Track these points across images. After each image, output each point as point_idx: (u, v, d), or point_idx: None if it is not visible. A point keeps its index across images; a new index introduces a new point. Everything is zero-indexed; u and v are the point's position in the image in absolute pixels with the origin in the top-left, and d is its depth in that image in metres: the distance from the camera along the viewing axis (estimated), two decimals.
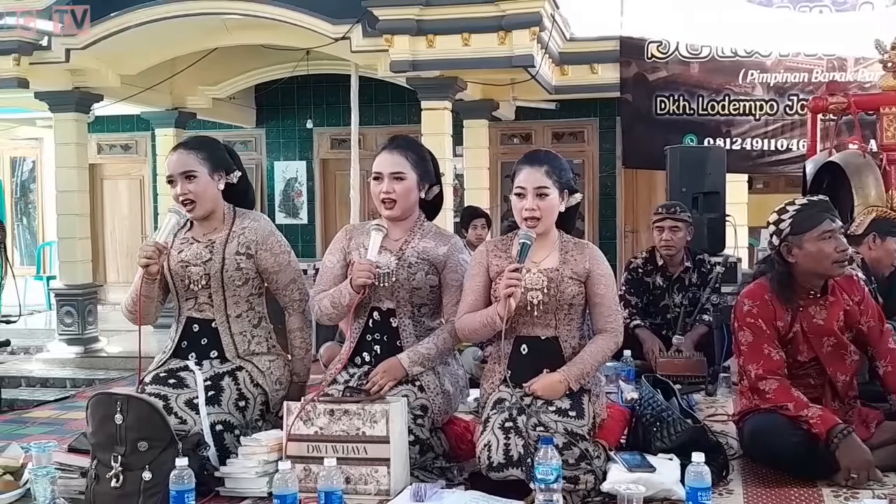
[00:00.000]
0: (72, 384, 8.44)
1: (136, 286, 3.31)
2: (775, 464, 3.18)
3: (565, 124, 11.56)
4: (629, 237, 11.52)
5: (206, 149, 3.42)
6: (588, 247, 3.29)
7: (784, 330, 3.27)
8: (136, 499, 2.79)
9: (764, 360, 3.24)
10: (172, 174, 3.36)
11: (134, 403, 2.87)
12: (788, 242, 3.24)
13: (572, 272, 3.19)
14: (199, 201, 3.36)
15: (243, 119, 12.34)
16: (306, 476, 2.94)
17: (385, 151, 3.36)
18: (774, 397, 3.19)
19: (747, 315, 3.29)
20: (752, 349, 3.27)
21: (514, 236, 3.25)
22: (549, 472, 2.56)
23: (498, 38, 7.71)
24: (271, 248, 3.42)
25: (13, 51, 8.37)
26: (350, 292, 3.22)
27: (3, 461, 3.21)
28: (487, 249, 3.31)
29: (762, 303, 3.29)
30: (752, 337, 3.28)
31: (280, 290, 3.48)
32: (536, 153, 3.29)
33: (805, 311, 3.29)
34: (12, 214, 13.12)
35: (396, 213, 3.33)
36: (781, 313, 3.27)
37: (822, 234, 3.19)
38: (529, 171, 3.17)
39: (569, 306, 3.18)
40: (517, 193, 3.18)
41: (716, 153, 6.91)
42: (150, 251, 3.22)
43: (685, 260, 5.15)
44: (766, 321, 3.26)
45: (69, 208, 9.26)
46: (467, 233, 7.13)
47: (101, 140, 12.73)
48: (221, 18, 8.41)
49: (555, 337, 3.20)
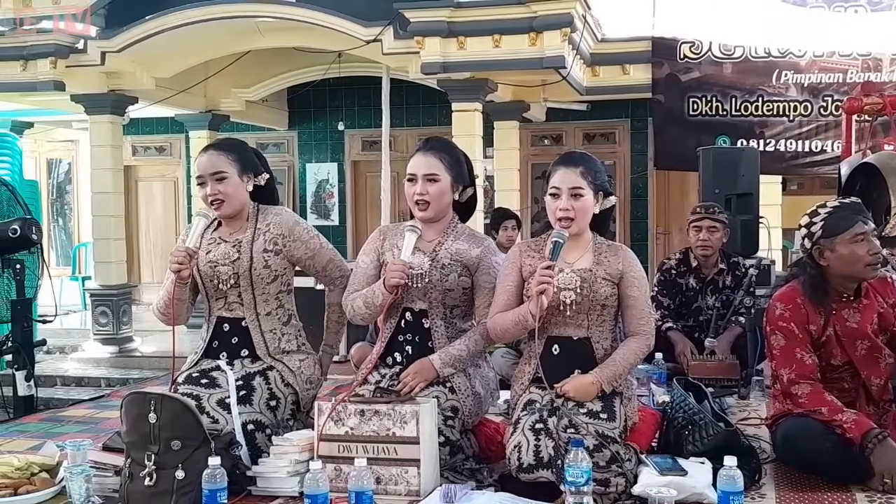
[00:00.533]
0: (106, 383, 8.53)
1: (168, 290, 3.36)
2: (809, 468, 3.15)
3: (596, 125, 11.51)
4: (661, 239, 11.44)
5: (235, 151, 3.46)
6: (622, 249, 3.28)
7: (817, 333, 3.23)
8: (169, 497, 2.82)
9: (797, 365, 3.20)
10: (203, 175, 3.39)
11: (167, 403, 2.90)
12: (820, 245, 3.20)
13: (606, 273, 3.18)
14: (228, 201, 3.39)
15: (276, 121, 12.41)
16: (337, 476, 2.95)
17: (419, 153, 3.36)
18: (807, 402, 3.15)
19: (779, 319, 3.25)
20: (785, 353, 3.24)
21: (547, 237, 3.24)
22: (580, 475, 2.55)
23: (529, 40, 7.69)
24: (299, 237, 3.45)
25: (50, 54, 8.49)
26: (383, 292, 3.23)
27: (39, 459, 3.26)
28: (521, 250, 3.30)
29: (794, 307, 3.25)
30: (785, 341, 3.24)
31: (320, 273, 3.54)
32: (572, 154, 3.29)
33: (838, 314, 3.24)
34: (48, 216, 13.28)
35: (430, 215, 3.34)
36: (814, 317, 3.23)
37: (855, 236, 3.15)
38: (564, 172, 3.16)
39: (601, 307, 3.17)
40: (552, 194, 3.17)
41: (749, 154, 6.85)
42: (181, 256, 3.26)
43: (719, 262, 5.11)
44: (798, 325, 3.23)
45: (104, 209, 9.37)
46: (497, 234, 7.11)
47: (135, 142, 12.87)
48: (255, 21, 8.47)
49: (587, 338, 3.18)
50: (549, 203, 3.20)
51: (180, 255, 3.26)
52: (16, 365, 5.23)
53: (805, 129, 8.67)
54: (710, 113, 8.86)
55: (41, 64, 8.57)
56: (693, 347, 4.87)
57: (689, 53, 8.88)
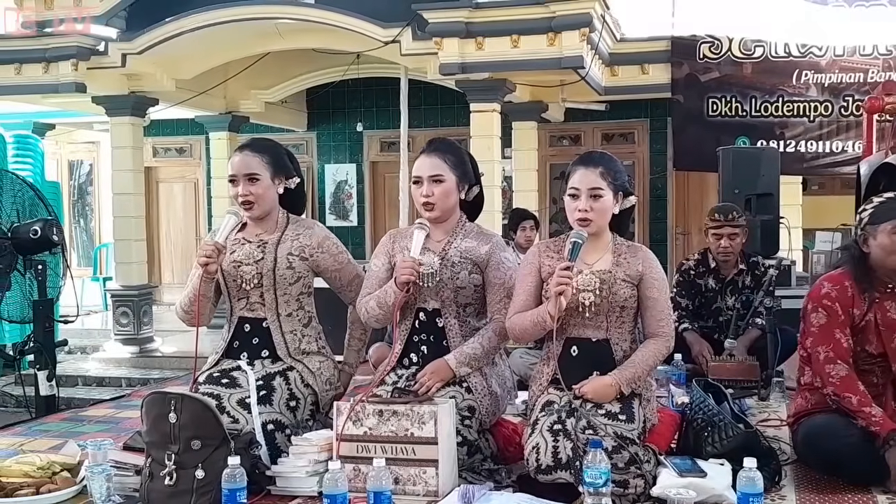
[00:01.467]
0: (127, 383, 8.60)
1: (194, 285, 3.37)
2: (829, 466, 3.13)
3: (615, 125, 11.48)
4: (680, 239, 11.40)
5: (270, 153, 3.48)
6: (641, 250, 3.26)
7: (858, 318, 3.23)
8: (188, 497, 2.83)
9: (835, 344, 3.20)
10: (236, 174, 3.41)
11: (188, 402, 2.91)
12: (866, 232, 3.23)
13: (625, 274, 3.16)
14: (258, 203, 3.41)
15: (295, 122, 12.46)
16: (356, 476, 2.96)
17: (423, 155, 3.38)
18: (840, 384, 3.14)
19: (825, 297, 3.25)
20: (824, 331, 3.23)
21: (566, 237, 3.24)
22: (598, 476, 2.55)
23: (547, 40, 7.69)
24: (329, 250, 3.47)
25: (71, 56, 8.57)
26: (395, 290, 3.24)
27: (61, 458, 3.28)
28: (539, 250, 3.30)
29: (842, 288, 3.25)
30: (826, 319, 3.23)
31: (344, 288, 3.55)
32: (591, 154, 3.28)
33: (881, 303, 3.24)
34: (70, 217, 13.39)
35: (437, 215, 3.35)
36: (858, 301, 3.23)
37: (894, 227, 3.16)
38: (584, 172, 3.15)
39: (620, 309, 3.16)
40: (571, 194, 3.17)
41: (769, 154, 6.81)
42: (209, 250, 3.27)
43: (739, 262, 5.08)
44: (842, 306, 3.22)
45: (125, 210, 9.44)
46: (516, 235, 7.11)
47: (156, 143, 12.95)
48: (274, 23, 8.51)
49: (606, 339, 3.17)
50: (568, 203, 3.19)
51: (209, 249, 3.28)
52: (38, 365, 5.28)
53: (826, 129, 8.62)
54: (729, 113, 8.83)
55: (63, 66, 8.64)
56: (709, 348, 4.84)
57: (708, 53, 8.85)
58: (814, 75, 8.57)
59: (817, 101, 8.61)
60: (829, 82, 8.57)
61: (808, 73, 8.58)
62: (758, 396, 4.52)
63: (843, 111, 8.55)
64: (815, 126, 8.64)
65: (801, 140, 8.68)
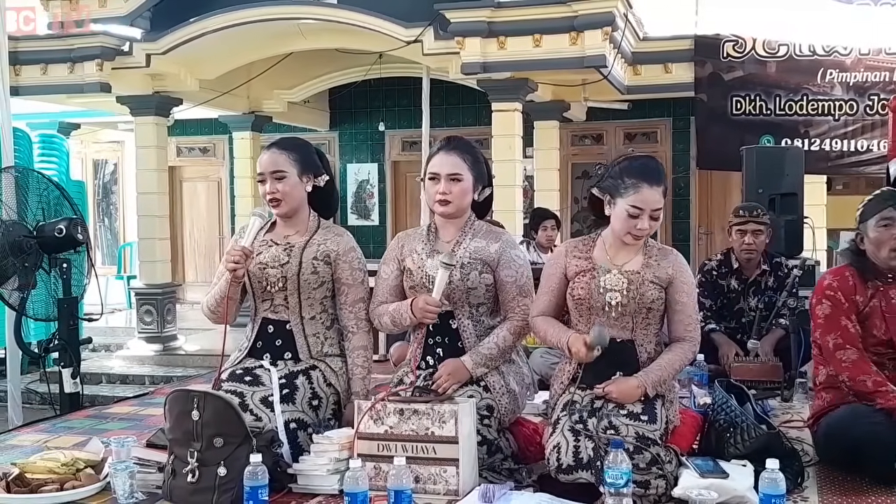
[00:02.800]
0: (150, 381, 8.65)
1: (222, 288, 3.39)
2: (852, 457, 3.10)
3: (638, 124, 11.43)
4: (703, 239, 11.34)
5: (297, 150, 3.48)
6: (672, 253, 3.24)
7: (862, 304, 3.32)
8: (211, 494, 2.85)
9: (842, 331, 3.29)
10: (263, 172, 3.42)
11: (210, 400, 2.92)
12: (860, 230, 3.38)
13: (654, 276, 3.14)
14: (286, 200, 3.41)
15: (317, 122, 12.50)
16: (376, 474, 2.97)
17: (442, 152, 3.37)
18: (852, 367, 3.22)
19: (827, 288, 3.37)
20: (830, 321, 3.32)
21: (596, 237, 3.25)
22: (619, 476, 2.54)
23: (569, 39, 7.67)
24: (350, 262, 3.45)
25: (96, 56, 8.64)
26: (411, 317, 3.25)
27: (85, 455, 3.31)
28: (567, 250, 3.28)
29: (842, 278, 3.37)
30: (831, 309, 3.33)
31: (348, 306, 3.47)
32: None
33: (885, 291, 3.34)
34: (94, 216, 13.50)
35: (451, 212, 3.35)
36: (861, 288, 3.34)
37: (880, 220, 3.31)
38: (649, 190, 3.08)
39: (647, 311, 3.14)
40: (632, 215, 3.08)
41: (794, 154, 6.76)
42: (237, 256, 3.27)
43: (762, 263, 5.05)
44: (845, 294, 3.33)
45: (149, 210, 9.50)
46: (537, 234, 7.11)
47: (180, 143, 13.03)
48: (296, 23, 8.55)
49: (631, 340, 3.16)
50: (626, 221, 3.10)
51: (237, 255, 3.27)
52: (62, 362, 5.32)
53: (850, 128, 8.54)
54: (753, 112, 8.77)
55: (88, 66, 8.71)
56: (738, 350, 4.81)
57: (732, 52, 8.79)
58: (839, 74, 8.50)
59: (842, 99, 8.53)
60: (854, 81, 8.50)
61: (832, 71, 8.51)
62: (781, 397, 4.49)
63: (868, 110, 8.47)
64: (839, 125, 8.57)
65: (826, 139, 8.60)
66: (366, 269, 3.52)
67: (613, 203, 3.14)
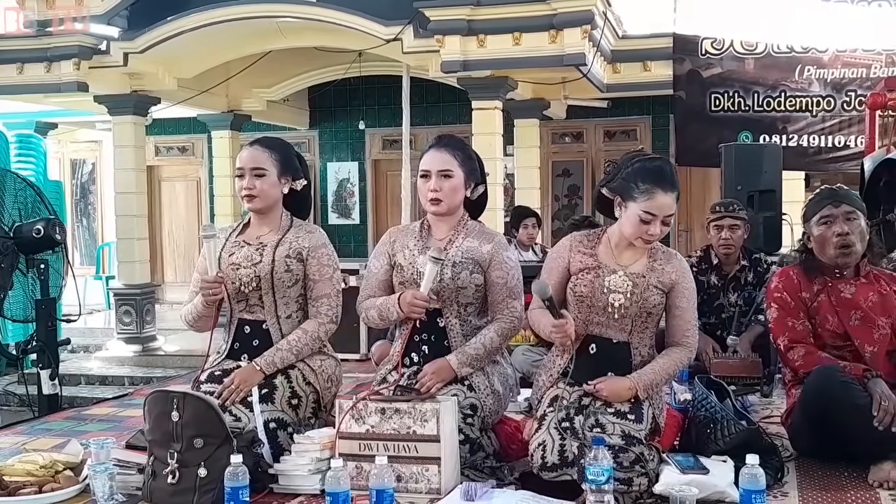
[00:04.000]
0: (130, 382, 8.60)
1: (199, 309, 3.41)
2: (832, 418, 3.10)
3: (617, 122, 11.48)
4: (683, 236, 11.39)
5: (279, 151, 3.48)
6: (676, 257, 3.22)
7: (809, 300, 3.41)
8: (191, 495, 2.84)
9: (788, 332, 3.41)
10: (243, 167, 3.42)
11: (190, 401, 2.91)
12: (805, 230, 3.46)
13: (658, 281, 3.13)
14: (261, 197, 3.41)
15: (297, 121, 12.47)
16: (358, 474, 2.96)
17: (433, 150, 3.37)
18: (804, 363, 3.33)
19: (774, 290, 3.48)
20: (778, 322, 3.45)
21: (601, 233, 3.26)
22: (601, 473, 2.55)
23: (549, 37, 7.68)
24: (319, 258, 3.44)
25: (73, 55, 8.59)
26: (398, 312, 3.25)
27: (64, 457, 3.28)
28: (572, 244, 3.25)
29: (787, 278, 3.48)
30: (777, 312, 3.45)
31: (312, 300, 3.45)
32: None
33: (833, 286, 3.42)
34: (72, 216, 13.40)
35: (443, 210, 3.34)
36: (807, 285, 3.43)
37: (821, 218, 3.38)
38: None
39: (647, 314, 3.13)
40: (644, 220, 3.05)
41: (772, 150, 6.80)
42: (214, 288, 3.31)
43: (741, 259, 5.07)
44: (790, 293, 3.43)
45: (128, 209, 9.45)
46: (518, 232, 7.11)
47: (158, 142, 12.96)
48: (275, 22, 8.52)
49: (626, 342, 3.15)
50: (638, 225, 3.06)
51: (213, 287, 3.30)
52: (40, 364, 5.28)
53: (828, 124, 8.60)
54: (732, 109, 8.81)
55: (65, 65, 8.66)
56: (715, 345, 4.84)
57: (710, 49, 8.83)
58: (816, 70, 8.55)
59: (820, 96, 8.59)
60: (832, 77, 8.55)
61: (810, 68, 8.56)
62: (760, 393, 4.51)
63: (845, 106, 8.53)
64: (817, 121, 8.62)
65: (804, 135, 8.66)
66: (336, 266, 3.49)
67: (625, 206, 3.10)
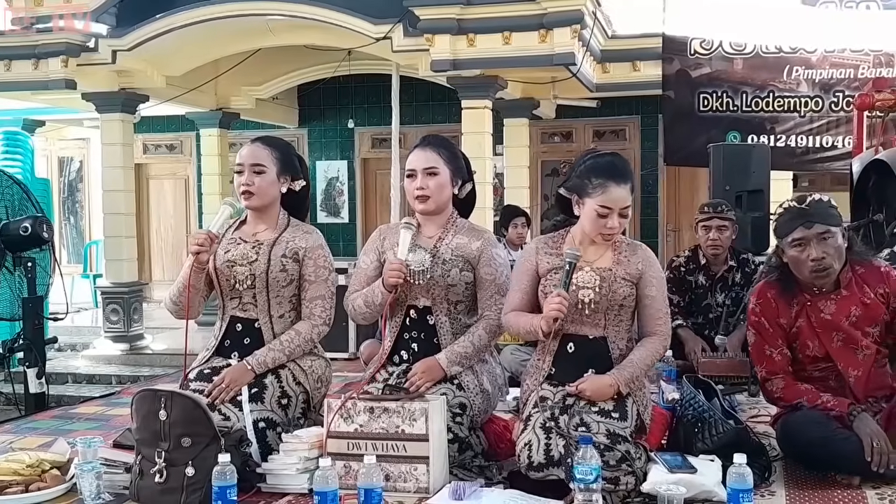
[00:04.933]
0: (117, 381, 8.57)
1: (185, 275, 3.35)
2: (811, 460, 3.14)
3: (607, 122, 11.50)
4: (671, 236, 11.42)
5: (280, 150, 3.49)
6: (641, 248, 3.25)
7: (788, 325, 3.25)
8: (179, 494, 2.83)
9: (767, 362, 3.29)
10: (243, 164, 3.41)
11: (178, 400, 2.91)
12: (779, 245, 3.28)
13: (625, 273, 3.15)
14: (258, 195, 3.41)
15: (286, 119, 12.44)
16: (346, 473, 2.96)
17: (418, 149, 3.39)
18: (784, 395, 3.24)
19: (752, 314, 3.33)
20: (757, 350, 3.33)
21: (565, 234, 3.26)
22: (589, 472, 2.55)
23: (539, 37, 7.69)
24: (316, 260, 3.44)
25: (61, 53, 8.54)
26: (382, 291, 3.25)
27: (50, 456, 3.27)
28: (537, 247, 3.29)
29: (765, 301, 3.30)
30: (756, 338, 3.32)
31: (306, 301, 3.45)
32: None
33: (813, 305, 3.24)
34: (60, 214, 13.35)
35: (431, 208, 3.35)
36: (784, 309, 3.26)
37: (793, 241, 3.18)
38: (617, 189, 3.07)
39: (619, 307, 3.15)
40: (601, 215, 3.09)
41: (760, 151, 6.82)
42: (201, 239, 3.27)
43: (729, 259, 5.09)
44: (769, 320, 3.27)
45: (115, 207, 9.41)
46: (507, 232, 7.12)
47: (146, 140, 12.92)
48: (265, 20, 8.49)
49: (603, 337, 3.17)
50: (596, 221, 3.10)
51: (201, 238, 3.27)
52: (27, 362, 5.25)
53: (816, 124, 8.62)
54: (720, 109, 8.81)
55: (52, 63, 8.61)
56: (704, 345, 4.85)
57: (699, 49, 8.83)
58: (804, 71, 8.57)
59: (808, 96, 8.60)
60: (820, 78, 8.57)
61: (798, 68, 8.57)
62: (748, 393, 4.53)
63: (833, 107, 8.55)
64: (805, 121, 8.64)
65: (792, 135, 8.67)
66: (332, 268, 3.49)
67: (582, 203, 3.14)
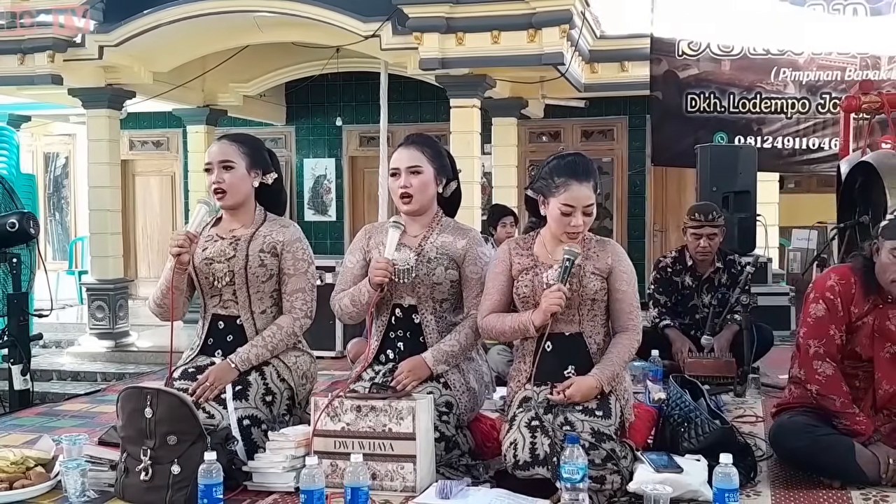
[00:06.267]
0: (102, 378, 8.54)
1: (167, 277, 3.35)
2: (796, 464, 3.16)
3: (595, 122, 11.52)
4: (658, 236, 11.46)
5: (247, 145, 3.48)
6: (610, 243, 3.27)
7: (856, 317, 3.19)
8: (164, 492, 2.82)
9: (827, 340, 3.18)
10: (211, 162, 3.40)
11: (163, 397, 2.90)
12: (878, 241, 3.19)
13: (594, 267, 3.17)
14: (231, 192, 3.39)
15: (274, 116, 12.41)
16: (333, 471, 2.96)
17: (401, 148, 3.40)
18: (826, 384, 3.14)
19: (828, 289, 3.21)
20: (819, 325, 3.20)
21: (536, 235, 3.28)
22: (575, 472, 2.56)
23: (528, 36, 7.70)
24: (294, 252, 3.43)
25: (48, 48, 8.50)
26: (369, 290, 3.25)
27: (35, 453, 3.25)
28: (510, 248, 3.30)
29: (847, 283, 3.21)
30: (825, 312, 3.19)
31: (286, 295, 3.43)
32: (579, 167, 3.17)
33: (883, 310, 3.20)
34: (45, 210, 13.26)
35: (415, 207, 3.35)
36: (860, 300, 3.19)
37: (893, 249, 3.12)
38: (578, 188, 3.09)
39: (591, 301, 3.17)
40: (565, 213, 3.10)
41: (747, 152, 6.86)
42: (181, 240, 3.26)
43: (715, 260, 5.11)
44: (843, 301, 3.18)
45: (101, 204, 9.36)
46: (496, 231, 7.11)
47: (133, 136, 12.86)
48: (253, 16, 8.46)
49: (579, 333, 3.18)
50: (560, 219, 3.13)
51: (180, 239, 3.26)
52: (12, 359, 5.23)
53: (803, 126, 8.66)
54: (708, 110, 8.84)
55: (39, 58, 8.57)
56: (691, 345, 4.86)
57: (687, 50, 8.86)
58: (791, 73, 8.61)
59: (795, 98, 8.65)
60: (807, 80, 8.61)
61: (785, 70, 8.62)
62: (734, 393, 4.54)
63: (820, 108, 8.59)
64: (792, 123, 8.68)
65: (779, 137, 8.72)
66: (311, 261, 3.48)
67: (547, 203, 3.17)
